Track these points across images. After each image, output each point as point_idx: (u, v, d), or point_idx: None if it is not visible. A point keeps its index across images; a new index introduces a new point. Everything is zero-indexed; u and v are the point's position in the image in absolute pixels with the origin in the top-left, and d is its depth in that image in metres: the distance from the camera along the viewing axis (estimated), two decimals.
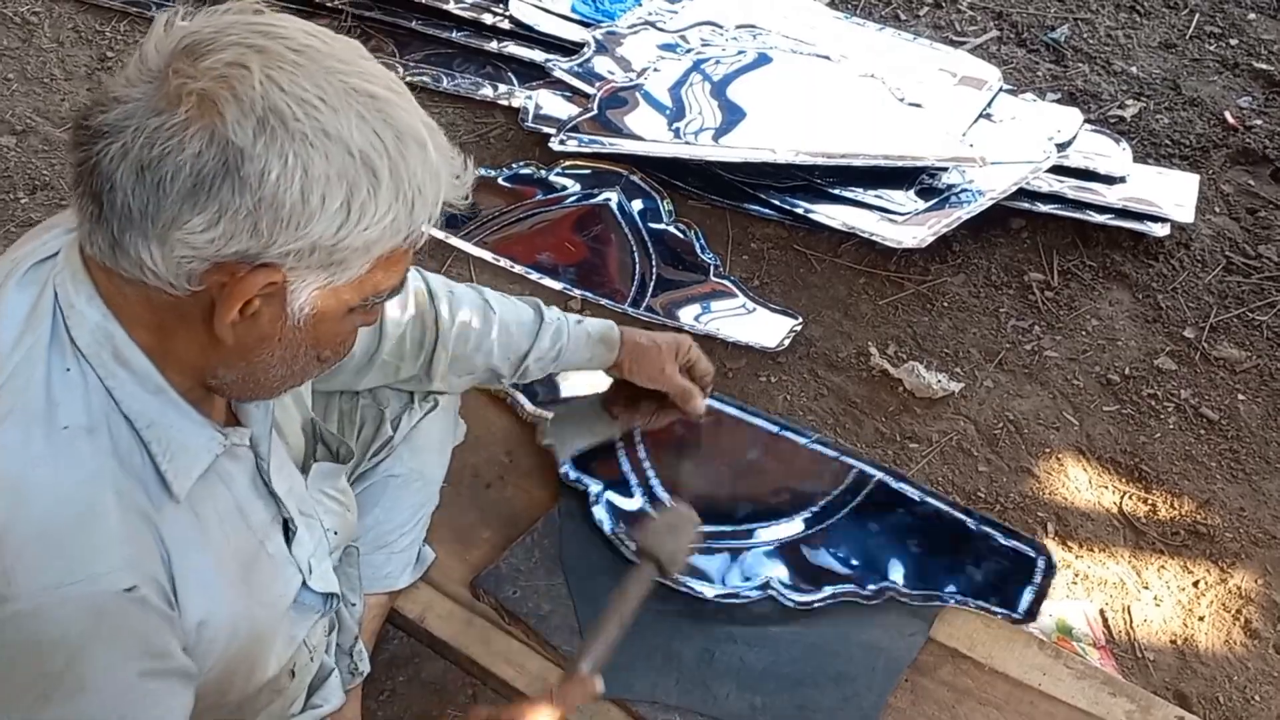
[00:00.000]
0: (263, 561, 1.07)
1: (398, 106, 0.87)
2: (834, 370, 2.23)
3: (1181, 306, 2.40)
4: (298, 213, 0.83)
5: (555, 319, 1.54)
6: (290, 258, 0.85)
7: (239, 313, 0.87)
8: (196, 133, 0.80)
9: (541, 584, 1.63)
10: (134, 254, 0.84)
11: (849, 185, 2.48)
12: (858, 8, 3.26)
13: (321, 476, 1.25)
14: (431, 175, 0.89)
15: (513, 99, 2.80)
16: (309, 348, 0.95)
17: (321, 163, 0.82)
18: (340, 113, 0.83)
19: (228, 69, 0.81)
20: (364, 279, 0.91)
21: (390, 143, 0.85)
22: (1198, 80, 3.03)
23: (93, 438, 0.89)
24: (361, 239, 0.86)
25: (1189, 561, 1.93)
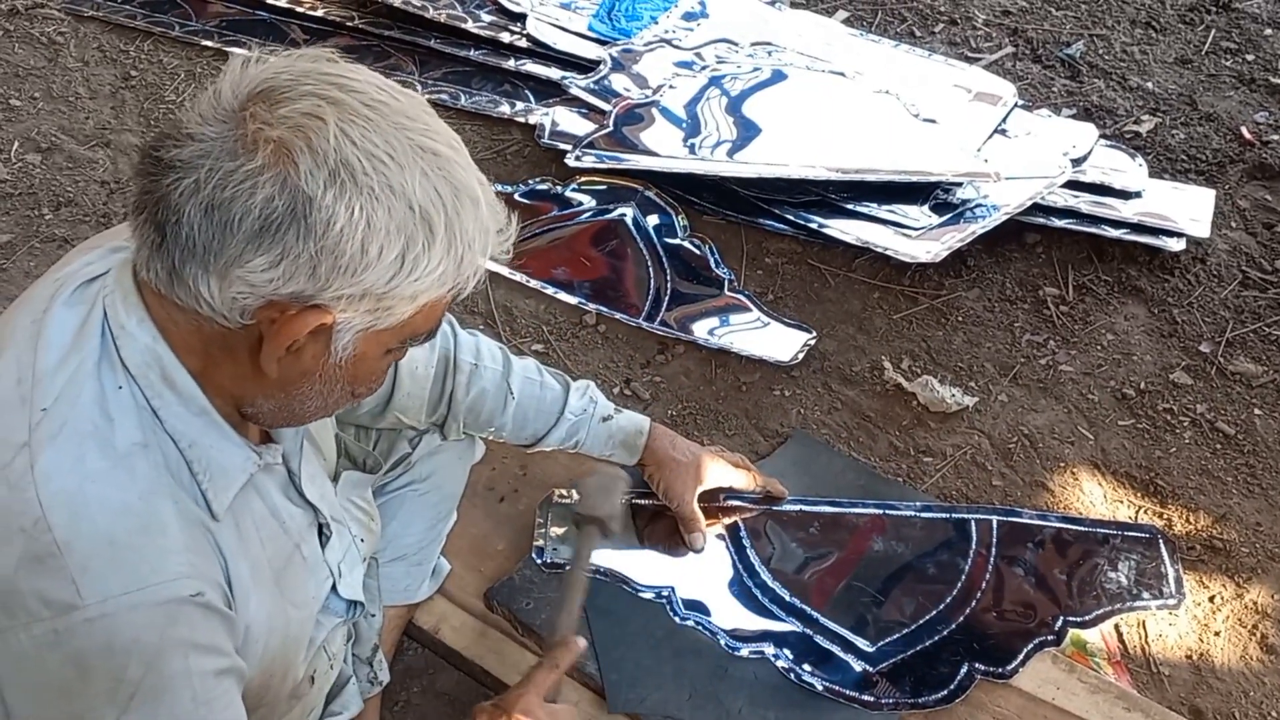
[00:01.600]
0: (296, 564, 1.10)
1: (457, 164, 0.90)
2: (848, 384, 2.24)
3: (1197, 321, 2.40)
4: (356, 261, 0.86)
5: (577, 414, 1.56)
6: (342, 301, 0.88)
7: (285, 349, 0.90)
8: (270, 179, 0.83)
9: (554, 596, 1.64)
10: (192, 285, 0.87)
11: (863, 200, 2.49)
12: (873, 25, 3.28)
13: (351, 485, 1.29)
14: (482, 231, 0.92)
15: (530, 116, 2.83)
16: (346, 384, 0.98)
17: (384, 216, 0.85)
18: (406, 169, 0.86)
19: (304, 119, 0.84)
20: (405, 324, 0.93)
21: (449, 199, 0.88)
22: (1214, 95, 3.03)
23: (148, 453, 0.91)
24: (411, 289, 0.89)
25: (1205, 576, 1.92)
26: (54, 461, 0.88)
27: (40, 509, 0.86)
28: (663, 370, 2.26)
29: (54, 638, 0.85)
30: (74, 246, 2.53)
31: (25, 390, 0.91)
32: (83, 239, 2.52)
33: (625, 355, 2.29)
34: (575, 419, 1.56)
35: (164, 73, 2.95)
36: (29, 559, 0.86)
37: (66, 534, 0.86)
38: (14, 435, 0.89)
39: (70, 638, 0.85)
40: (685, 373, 2.25)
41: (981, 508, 1.85)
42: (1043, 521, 1.83)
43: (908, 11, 3.33)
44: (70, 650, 0.86)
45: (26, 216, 2.56)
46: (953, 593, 1.71)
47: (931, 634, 1.66)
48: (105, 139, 2.76)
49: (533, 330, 2.33)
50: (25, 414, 0.89)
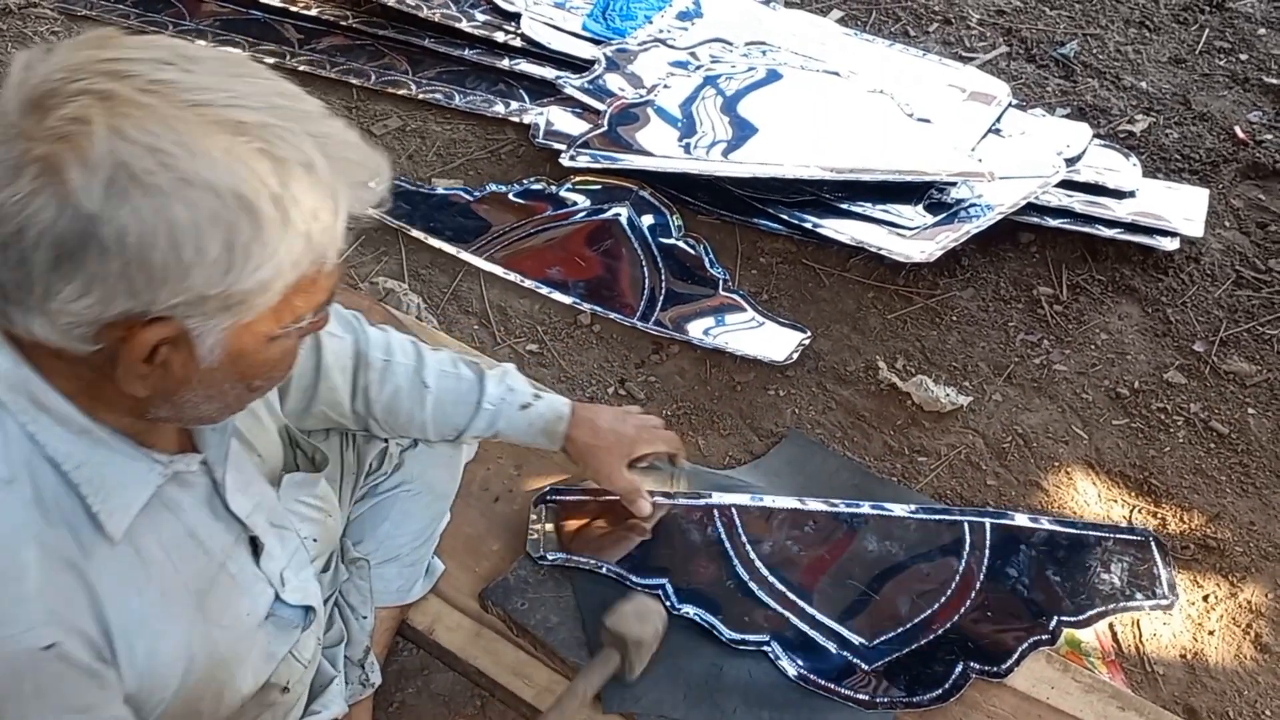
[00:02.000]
0: (222, 584, 1.03)
1: (275, 129, 0.80)
2: (842, 384, 2.24)
3: (1191, 320, 2.40)
4: (171, 268, 0.77)
5: (495, 404, 1.45)
6: (179, 309, 0.80)
7: (146, 363, 0.83)
8: (44, 203, 0.75)
9: (549, 596, 1.64)
10: (21, 325, 0.80)
11: (858, 200, 2.50)
12: (867, 24, 3.28)
13: (294, 486, 1.19)
14: (325, 197, 0.82)
15: (524, 115, 2.82)
16: (234, 382, 0.90)
17: (185, 212, 0.76)
18: (200, 155, 0.76)
19: (69, 126, 0.75)
20: (278, 309, 0.85)
21: (267, 175, 0.79)
22: (1207, 95, 3.04)
23: (11, 489, 0.85)
24: (255, 280, 0.80)
25: (1199, 575, 1.92)
26: None
27: None
28: (657, 370, 2.26)
29: None
30: None
31: None
32: None
33: (620, 355, 2.29)
34: (494, 408, 1.45)
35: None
36: None
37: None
38: None
39: None
40: (680, 372, 2.25)
41: (975, 510, 1.85)
42: (1035, 524, 1.83)
43: (902, 11, 3.34)
44: None
45: None
46: (947, 593, 1.70)
47: (926, 633, 1.64)
48: None
49: (527, 330, 2.33)
50: None
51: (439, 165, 2.74)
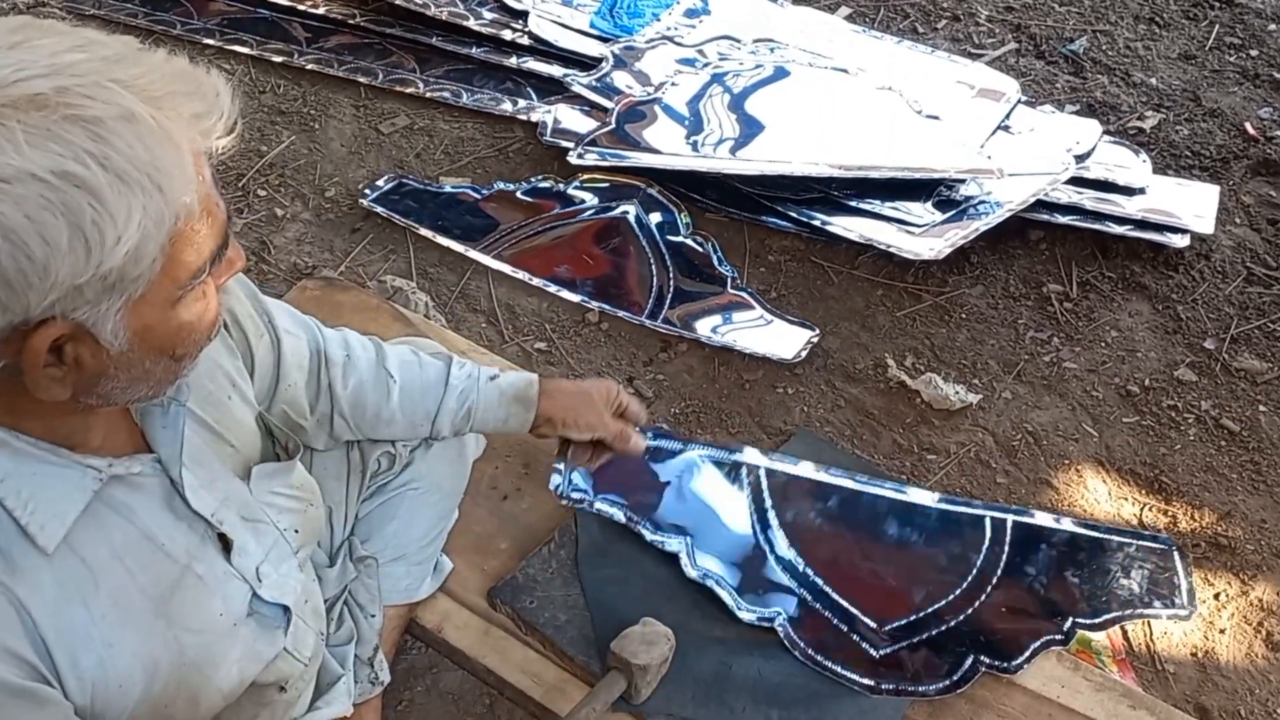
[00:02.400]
0: (189, 586, 1.00)
1: (76, 91, 0.73)
2: (851, 382, 2.23)
3: (1202, 318, 2.39)
4: (28, 269, 0.72)
5: (463, 380, 1.42)
6: (58, 306, 0.75)
7: (54, 367, 0.79)
8: None
9: (558, 594, 1.63)
10: None
11: (866, 197, 2.49)
12: (875, 21, 3.27)
13: (266, 478, 1.14)
14: (162, 142, 0.76)
15: (531, 114, 2.82)
16: (154, 357, 0.86)
17: (13, 210, 0.70)
18: (3, 146, 0.70)
19: None
20: (166, 271, 0.80)
21: (86, 142, 0.73)
22: (1218, 91, 3.02)
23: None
24: (122, 253, 0.75)
25: (1210, 574, 1.92)
26: None
27: None
28: (665, 368, 2.25)
29: None
30: None
31: None
32: None
33: (628, 353, 2.28)
34: (462, 385, 1.41)
35: None
36: None
37: None
38: None
39: None
40: (688, 370, 2.25)
41: (999, 505, 1.84)
42: (1058, 525, 1.81)
43: (910, 8, 3.33)
44: None
45: None
46: (963, 585, 1.69)
47: (938, 623, 1.64)
48: None
49: (535, 328, 2.33)
50: None
51: (447, 163, 2.74)
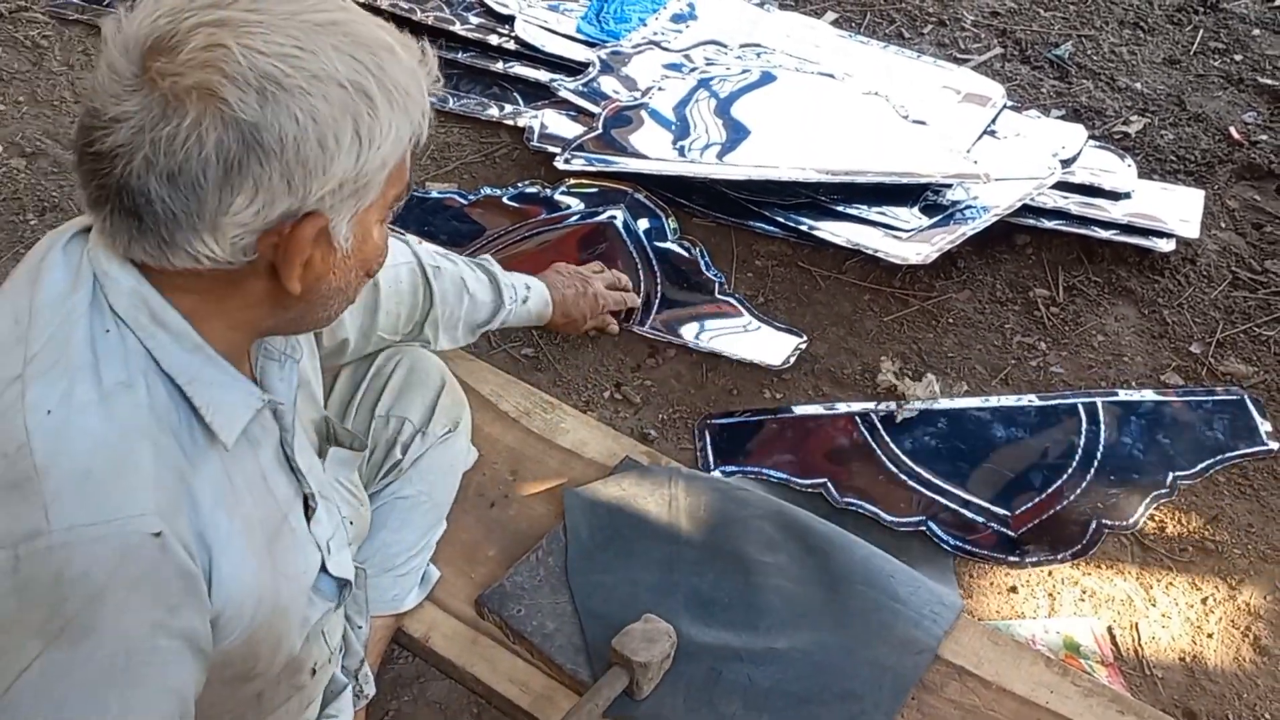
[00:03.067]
0: (285, 534, 1.08)
1: (357, 23, 0.90)
2: (840, 387, 2.23)
3: (1188, 322, 2.40)
4: (320, 160, 0.86)
5: (510, 306, 1.71)
6: (327, 199, 0.89)
7: (301, 264, 0.92)
8: (210, 124, 0.83)
9: (546, 602, 1.62)
10: (189, 249, 0.88)
11: (853, 202, 2.49)
12: (861, 26, 3.28)
13: (338, 463, 1.28)
14: (409, 74, 0.92)
15: (518, 119, 2.82)
16: (358, 269, 1.00)
17: (324, 106, 0.85)
18: (319, 53, 0.86)
19: (207, 53, 0.83)
20: (384, 191, 0.95)
21: (368, 60, 0.88)
22: (1202, 96, 3.04)
23: (131, 393, 0.91)
24: (378, 158, 0.90)
25: (1197, 578, 1.92)
26: (43, 393, 0.88)
27: (25, 435, 0.87)
28: (653, 374, 2.25)
29: (14, 563, 0.84)
30: None
31: (21, 330, 0.91)
32: None
33: (615, 359, 2.28)
34: (510, 309, 1.72)
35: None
36: (5, 485, 0.86)
37: (45, 460, 0.86)
38: (8, 370, 0.90)
39: (28, 564, 0.85)
40: (676, 376, 2.24)
41: (1083, 392, 2.18)
42: (1141, 397, 2.16)
43: (896, 13, 3.33)
44: (24, 575, 0.85)
45: (11, 222, 2.54)
46: (1073, 464, 2.02)
47: (1059, 500, 1.97)
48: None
49: (522, 334, 2.32)
50: (21, 350, 0.90)
51: (433, 169, 2.73)
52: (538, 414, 1.91)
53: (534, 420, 1.90)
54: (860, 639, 1.60)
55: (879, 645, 1.60)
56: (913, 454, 2.05)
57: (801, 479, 2.01)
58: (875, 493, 1.99)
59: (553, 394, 2.00)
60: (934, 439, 2.08)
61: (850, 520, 1.93)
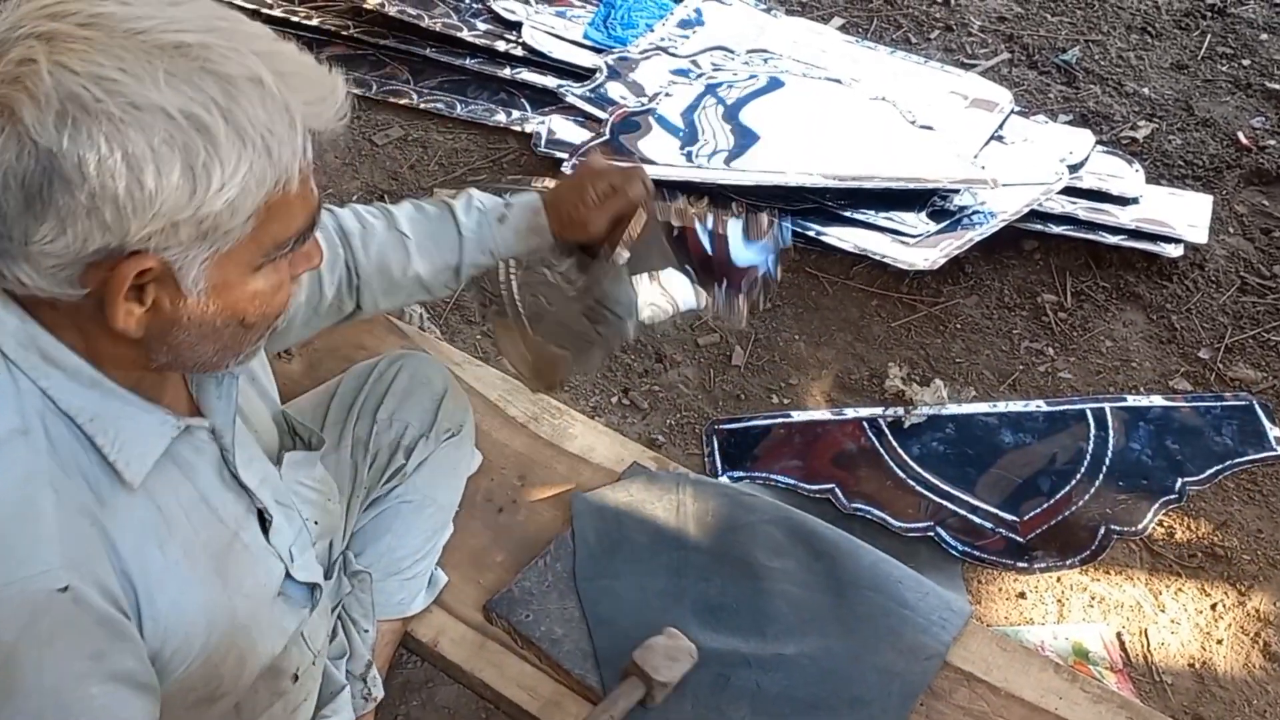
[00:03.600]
0: (238, 552, 1.04)
1: (218, 49, 0.80)
2: (847, 392, 2.23)
3: (1196, 327, 2.39)
4: (136, 195, 0.78)
5: (474, 227, 1.37)
6: (154, 239, 0.80)
7: (135, 303, 0.84)
8: (4, 144, 0.76)
9: (554, 607, 1.63)
10: (10, 275, 0.82)
11: (860, 208, 2.49)
12: (868, 32, 3.28)
13: (295, 466, 1.19)
14: (279, 111, 0.82)
15: (526, 124, 2.82)
16: (226, 319, 0.90)
17: (140, 137, 0.77)
18: (145, 79, 0.77)
19: (17, 68, 0.76)
20: (255, 235, 0.86)
21: (216, 93, 0.79)
22: (1210, 101, 3.03)
23: (27, 439, 0.86)
24: (222, 201, 0.81)
25: (1206, 584, 1.91)
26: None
27: None
28: (661, 379, 2.25)
29: None
30: None
31: None
32: None
33: (623, 364, 2.28)
34: (477, 235, 1.37)
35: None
36: None
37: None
38: None
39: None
40: (684, 382, 2.25)
41: (1092, 398, 2.18)
42: (1150, 403, 2.16)
43: (903, 18, 3.33)
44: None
45: None
46: (1081, 469, 2.02)
47: (1068, 505, 1.96)
48: None
49: None
50: None
51: (441, 175, 2.74)
52: (546, 419, 1.92)
53: (542, 426, 1.91)
54: (868, 645, 1.60)
55: (887, 651, 1.60)
56: (921, 459, 2.04)
57: (809, 484, 2.00)
58: (883, 498, 1.98)
59: (561, 399, 2.00)
60: (942, 444, 2.08)
61: (858, 526, 1.92)
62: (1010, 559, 1.92)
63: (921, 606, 1.65)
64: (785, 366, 2.29)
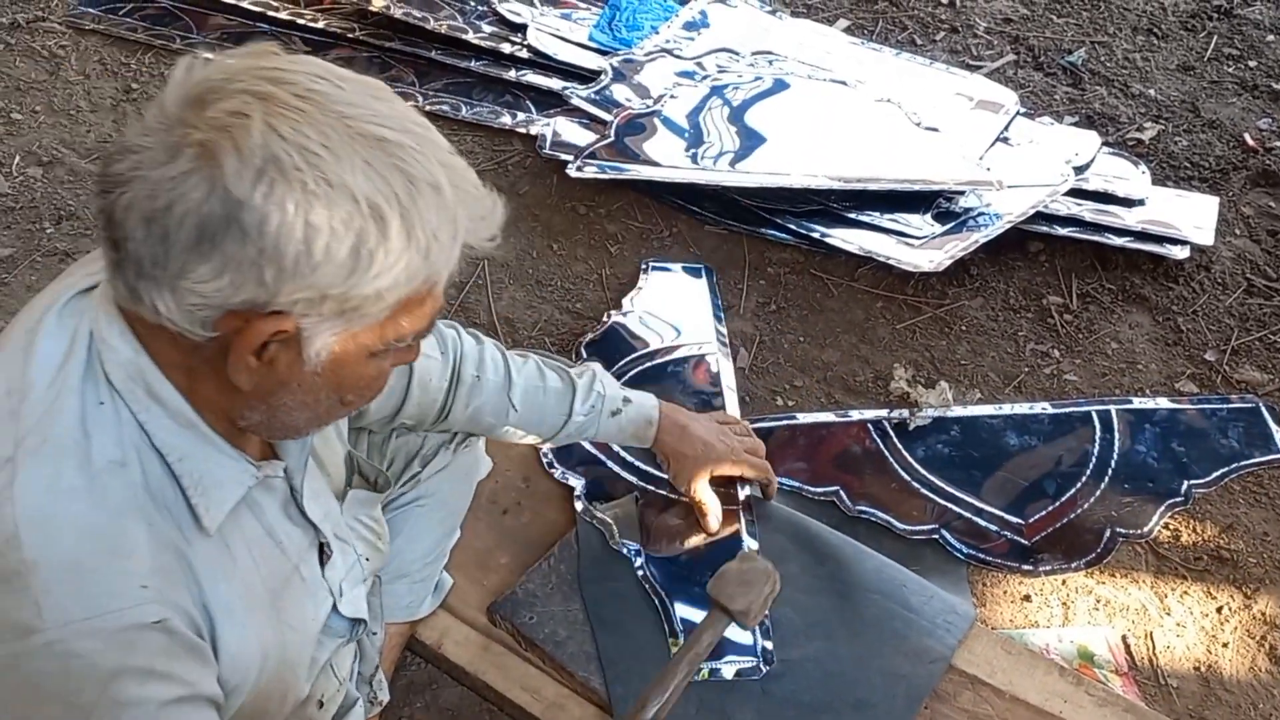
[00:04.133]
0: (295, 585, 1.07)
1: (410, 150, 0.85)
2: (852, 394, 2.23)
3: (1202, 329, 2.39)
4: (302, 262, 0.81)
5: (585, 414, 1.51)
6: (300, 305, 0.84)
7: (255, 358, 0.87)
8: (197, 183, 0.80)
9: (558, 609, 1.63)
10: (148, 301, 0.84)
11: (866, 209, 2.49)
12: (874, 33, 3.27)
13: (358, 504, 1.26)
14: (448, 220, 0.87)
15: (531, 126, 2.82)
16: (330, 392, 0.94)
17: (324, 211, 0.81)
18: (344, 160, 0.81)
19: (230, 118, 0.80)
20: (385, 324, 0.89)
21: (400, 189, 0.83)
22: (1216, 102, 3.02)
23: (124, 471, 0.89)
24: (373, 287, 0.84)
25: (1212, 587, 1.91)
26: (31, 478, 0.87)
27: (14, 526, 0.85)
28: None
29: (13, 660, 0.84)
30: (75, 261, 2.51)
31: (14, 403, 0.89)
32: (84, 253, 2.51)
33: None
34: (583, 419, 1.52)
35: (165, 86, 2.94)
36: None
37: (34, 554, 0.85)
38: (1, 450, 0.88)
39: (28, 661, 0.84)
40: None
41: (1097, 400, 2.19)
42: (1155, 405, 2.16)
43: (909, 20, 3.33)
44: (26, 673, 0.84)
45: (28, 230, 2.56)
46: (1087, 471, 2.02)
47: (1073, 508, 1.97)
48: (107, 152, 2.76)
49: (535, 341, 2.32)
50: (13, 429, 0.88)
51: None
52: None
53: None
54: (873, 648, 1.60)
55: (892, 654, 1.59)
56: (925, 462, 2.04)
57: (814, 487, 1.99)
58: (888, 501, 1.98)
59: None
60: (947, 447, 2.07)
61: (862, 528, 1.92)
62: (1015, 562, 1.91)
63: (926, 610, 1.65)
64: (789, 368, 2.29)
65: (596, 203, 2.65)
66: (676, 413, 1.62)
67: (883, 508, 1.97)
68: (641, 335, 2.26)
